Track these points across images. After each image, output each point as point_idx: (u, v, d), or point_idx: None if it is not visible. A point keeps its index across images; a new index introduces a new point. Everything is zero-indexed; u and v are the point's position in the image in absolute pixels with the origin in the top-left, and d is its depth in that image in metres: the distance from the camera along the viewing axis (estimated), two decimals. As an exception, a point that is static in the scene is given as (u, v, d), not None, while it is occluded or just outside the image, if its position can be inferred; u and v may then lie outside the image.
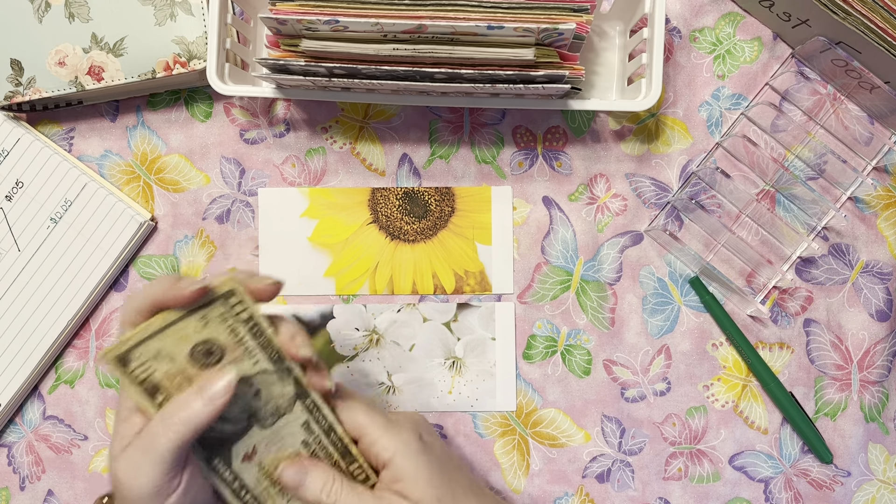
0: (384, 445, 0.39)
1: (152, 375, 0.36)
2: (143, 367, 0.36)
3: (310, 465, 0.39)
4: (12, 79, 0.50)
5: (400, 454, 0.39)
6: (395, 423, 0.40)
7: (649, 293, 0.52)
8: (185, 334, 0.36)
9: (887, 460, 0.52)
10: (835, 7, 0.46)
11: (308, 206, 0.53)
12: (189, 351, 0.36)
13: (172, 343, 0.36)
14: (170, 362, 0.36)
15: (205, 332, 0.36)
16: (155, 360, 0.36)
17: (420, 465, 0.39)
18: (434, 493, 0.39)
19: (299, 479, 0.39)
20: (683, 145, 0.53)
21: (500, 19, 0.41)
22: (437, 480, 0.39)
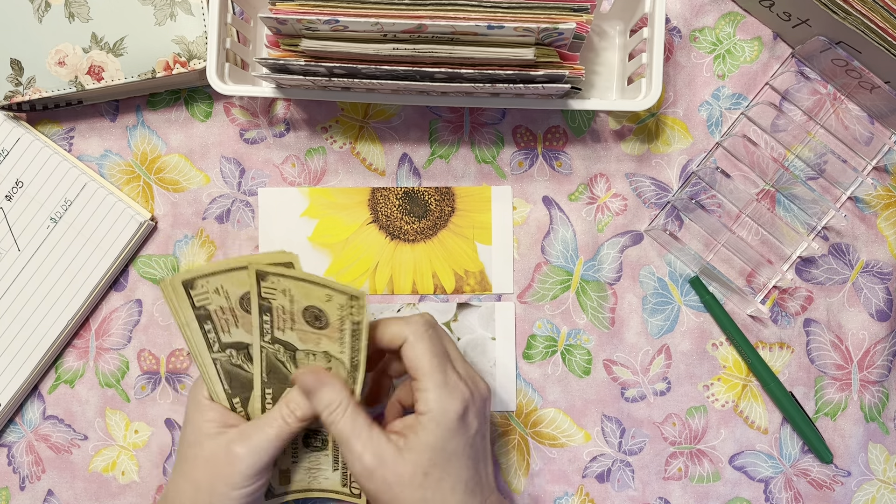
0: (427, 400, 0.39)
1: (209, 304, 0.41)
2: (203, 296, 0.40)
3: (327, 380, 0.41)
4: (12, 78, 0.50)
5: (431, 418, 0.39)
6: (450, 386, 0.40)
7: (649, 293, 0.52)
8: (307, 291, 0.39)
9: (887, 460, 0.52)
10: (835, 7, 0.46)
11: (308, 206, 0.53)
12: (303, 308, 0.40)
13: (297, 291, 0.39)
14: (225, 300, 0.41)
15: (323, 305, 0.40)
16: (214, 294, 0.40)
17: (437, 438, 0.39)
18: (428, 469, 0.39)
19: (312, 388, 0.41)
20: (683, 145, 0.53)
21: (500, 19, 0.41)
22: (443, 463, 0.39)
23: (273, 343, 0.42)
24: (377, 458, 0.39)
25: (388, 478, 0.38)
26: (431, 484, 0.39)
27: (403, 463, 0.39)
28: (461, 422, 0.40)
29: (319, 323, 0.40)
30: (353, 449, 0.39)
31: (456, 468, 0.40)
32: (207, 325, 0.41)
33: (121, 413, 0.53)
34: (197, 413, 0.43)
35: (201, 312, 0.41)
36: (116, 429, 0.53)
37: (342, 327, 0.40)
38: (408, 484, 0.38)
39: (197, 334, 0.42)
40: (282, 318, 0.41)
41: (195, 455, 0.42)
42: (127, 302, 0.53)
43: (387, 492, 0.39)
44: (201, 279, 0.40)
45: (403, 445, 0.39)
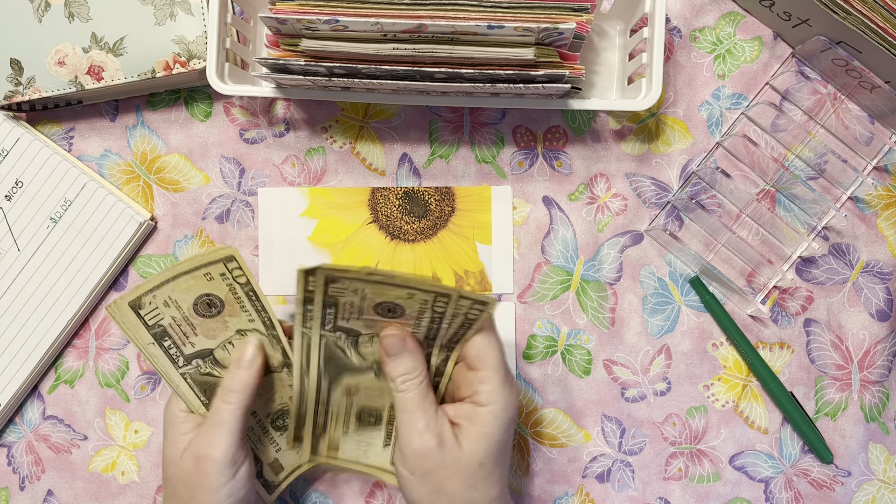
0: (489, 392, 0.39)
1: (161, 321, 0.41)
2: (154, 313, 0.40)
3: (411, 346, 0.41)
4: (12, 78, 0.50)
5: (493, 411, 0.39)
6: (509, 382, 0.40)
7: (649, 293, 0.52)
8: (189, 286, 0.40)
9: (888, 460, 0.52)
10: (835, 7, 0.46)
11: (308, 206, 0.53)
12: (192, 302, 0.40)
13: (178, 292, 0.40)
14: (176, 310, 0.40)
15: (208, 287, 0.40)
16: (164, 307, 0.40)
17: (497, 430, 0.39)
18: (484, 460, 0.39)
19: (395, 351, 0.41)
20: (684, 145, 0.53)
21: (501, 19, 0.41)
22: (496, 455, 0.40)
23: (335, 331, 0.41)
24: (438, 439, 0.39)
25: (445, 460, 0.39)
26: (483, 474, 0.39)
27: (461, 450, 0.39)
28: (514, 418, 0.41)
29: (394, 314, 0.40)
30: (415, 423, 0.39)
31: (503, 462, 0.41)
32: (167, 342, 0.41)
33: (121, 413, 0.53)
34: (172, 429, 0.43)
35: (157, 330, 0.40)
36: (116, 429, 0.53)
37: (420, 317, 0.40)
38: (461, 471, 0.39)
39: (159, 354, 0.41)
40: (348, 311, 0.40)
41: (172, 473, 0.42)
42: (127, 302, 0.53)
43: (437, 473, 0.39)
44: (146, 296, 0.39)
45: (460, 433, 0.39)
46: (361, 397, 0.44)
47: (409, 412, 0.40)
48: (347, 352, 0.42)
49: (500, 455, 0.40)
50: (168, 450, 0.43)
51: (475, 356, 0.40)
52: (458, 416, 0.40)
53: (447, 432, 0.39)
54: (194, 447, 0.41)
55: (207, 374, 0.43)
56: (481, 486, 0.39)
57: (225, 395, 0.42)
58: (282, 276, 0.52)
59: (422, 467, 0.39)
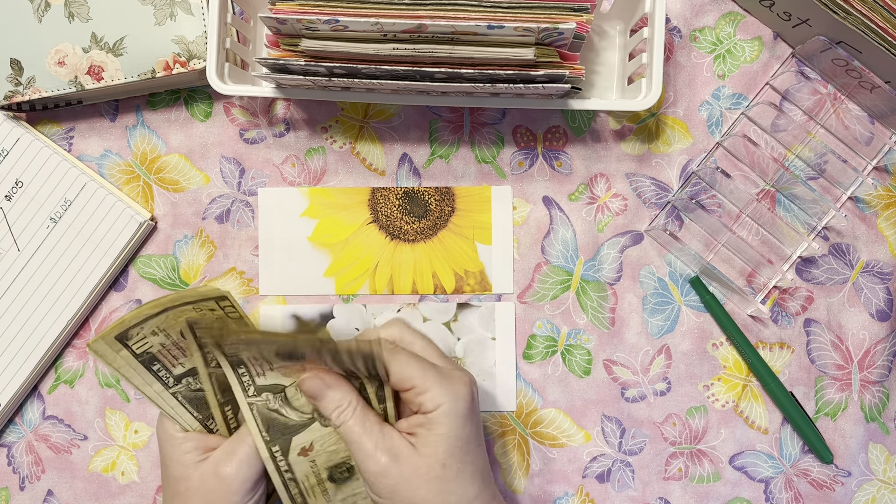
0: (432, 398, 0.38)
1: (150, 348, 0.40)
2: (142, 342, 0.39)
3: (332, 381, 0.40)
4: (12, 78, 0.50)
5: (444, 411, 0.38)
6: (449, 377, 0.39)
7: (649, 293, 0.52)
8: (179, 317, 0.39)
9: (888, 460, 0.52)
10: (835, 6, 0.46)
11: (308, 206, 0.53)
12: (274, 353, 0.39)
13: (167, 323, 0.39)
14: (165, 337, 0.40)
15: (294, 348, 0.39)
16: (152, 336, 0.39)
17: (454, 427, 0.38)
18: (446, 461, 0.38)
19: (318, 392, 0.40)
20: (684, 145, 0.53)
21: (501, 19, 0.41)
22: (460, 453, 0.38)
23: (259, 394, 0.41)
24: (391, 455, 0.38)
25: (404, 473, 0.38)
26: (451, 475, 0.38)
27: (419, 457, 0.38)
28: (472, 407, 0.39)
29: (296, 359, 0.39)
30: (364, 448, 0.38)
31: (472, 456, 0.39)
32: (156, 366, 0.40)
33: (121, 413, 0.53)
34: (174, 449, 0.42)
35: (146, 357, 0.40)
36: (116, 429, 0.53)
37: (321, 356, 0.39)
38: (426, 477, 0.38)
39: (149, 379, 0.40)
40: (257, 366, 0.40)
41: (185, 489, 0.41)
42: (127, 302, 0.53)
43: (404, 487, 0.38)
44: (133, 328, 0.39)
45: (417, 441, 0.38)
46: (320, 453, 0.42)
47: (353, 441, 0.39)
48: (282, 411, 0.41)
49: (465, 452, 0.39)
50: (173, 467, 0.42)
51: (397, 380, 0.39)
52: (412, 426, 0.39)
53: (400, 446, 0.38)
54: (218, 465, 0.40)
55: (198, 389, 0.42)
56: (454, 489, 0.38)
57: None
58: (282, 277, 0.52)
59: (386, 487, 0.38)
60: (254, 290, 0.53)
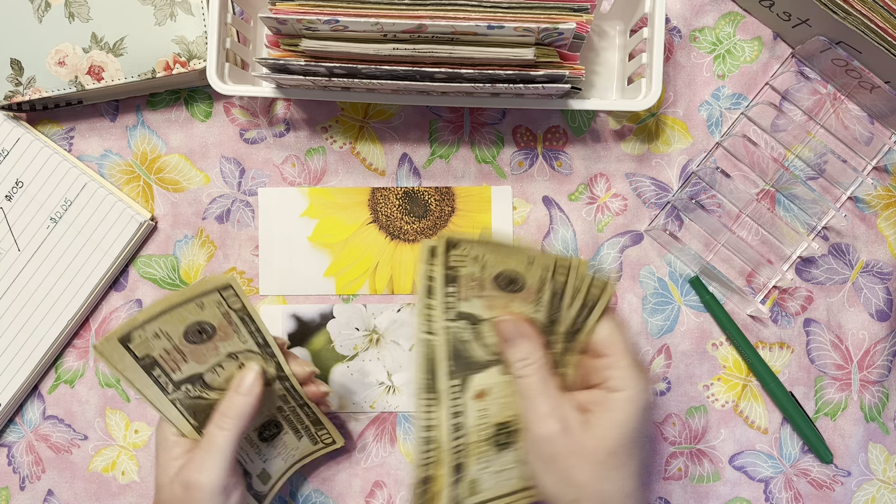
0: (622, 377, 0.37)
1: (151, 352, 0.40)
2: (144, 346, 0.39)
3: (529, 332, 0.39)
4: (12, 78, 0.50)
5: (626, 397, 0.37)
6: (641, 366, 0.38)
7: (649, 293, 0.52)
8: (181, 316, 0.39)
9: (887, 460, 0.52)
10: (835, 7, 0.46)
11: (308, 206, 0.53)
12: (183, 331, 0.40)
13: (170, 324, 0.39)
14: (167, 340, 0.40)
15: (200, 315, 0.40)
16: (154, 339, 0.39)
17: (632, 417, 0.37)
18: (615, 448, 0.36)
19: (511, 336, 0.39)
20: (683, 145, 0.53)
21: (500, 19, 0.41)
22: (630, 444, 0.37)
23: (457, 319, 0.39)
24: (562, 424, 0.37)
25: (570, 446, 0.36)
26: (615, 464, 0.36)
27: (590, 436, 0.37)
28: (648, 406, 0.38)
29: (515, 286, 0.39)
30: (538, 409, 0.37)
31: (638, 454, 0.38)
32: (156, 371, 0.40)
33: (121, 413, 0.53)
34: (164, 453, 0.42)
35: (146, 361, 0.40)
36: (116, 429, 0.53)
37: (541, 289, 0.38)
38: (590, 458, 0.36)
39: (148, 384, 0.40)
40: (469, 287, 0.39)
41: (162, 499, 0.41)
42: (127, 302, 0.53)
43: (564, 460, 0.36)
44: (136, 330, 0.39)
45: (591, 419, 0.37)
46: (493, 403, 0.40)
47: (530, 398, 0.37)
48: (472, 344, 0.40)
49: (634, 445, 0.37)
50: (159, 474, 0.42)
51: (602, 341, 0.38)
52: (590, 402, 0.38)
53: (573, 418, 0.37)
54: (185, 473, 0.40)
55: (197, 397, 0.42)
56: (613, 478, 0.36)
57: (220, 421, 0.41)
58: (282, 276, 0.53)
59: (547, 453, 0.37)
60: (254, 290, 0.53)
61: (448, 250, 0.38)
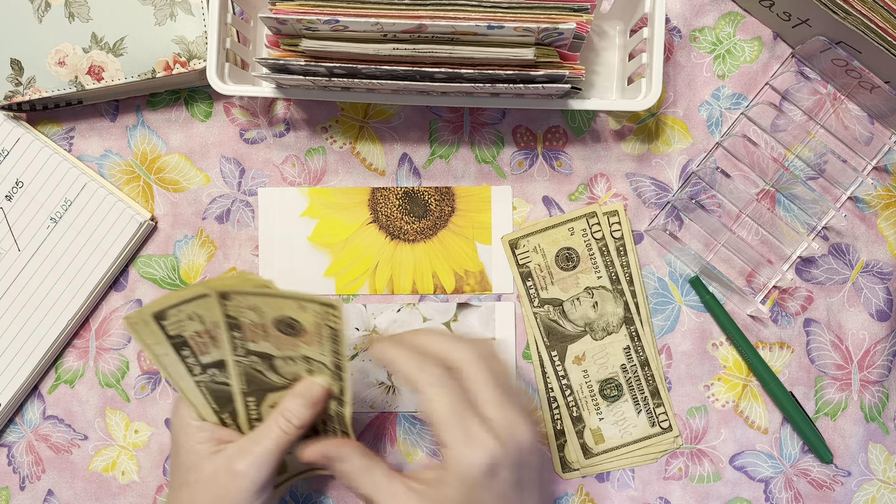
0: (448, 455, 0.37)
1: (183, 331, 0.40)
2: (177, 325, 0.39)
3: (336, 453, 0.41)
4: (12, 78, 0.50)
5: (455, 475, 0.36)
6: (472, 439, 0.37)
7: (650, 293, 0.52)
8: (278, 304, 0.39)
9: (887, 460, 0.52)
10: (835, 7, 0.46)
11: (308, 206, 0.53)
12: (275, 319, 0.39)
13: (265, 305, 0.39)
14: (200, 323, 0.40)
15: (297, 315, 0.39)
16: (188, 321, 0.39)
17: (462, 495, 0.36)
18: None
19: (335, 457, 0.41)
20: (683, 145, 0.53)
21: (500, 19, 0.41)
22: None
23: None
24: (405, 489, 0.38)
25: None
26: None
27: None
28: (488, 477, 0.36)
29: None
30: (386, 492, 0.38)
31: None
32: (185, 352, 0.41)
33: (121, 413, 0.53)
34: (187, 436, 0.42)
35: (177, 340, 0.40)
36: (116, 429, 0.53)
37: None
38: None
39: (175, 362, 0.41)
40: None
41: (195, 480, 0.40)
42: (127, 302, 0.53)
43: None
44: (172, 309, 0.39)
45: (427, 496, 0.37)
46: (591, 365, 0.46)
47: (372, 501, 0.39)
48: (560, 322, 0.45)
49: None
50: (185, 456, 0.42)
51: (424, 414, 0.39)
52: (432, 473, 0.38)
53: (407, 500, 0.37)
54: (232, 461, 0.40)
55: (222, 382, 0.42)
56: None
57: (284, 425, 0.41)
58: (282, 276, 0.52)
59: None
60: (254, 290, 0.53)
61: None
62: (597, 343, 0.51)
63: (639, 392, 0.51)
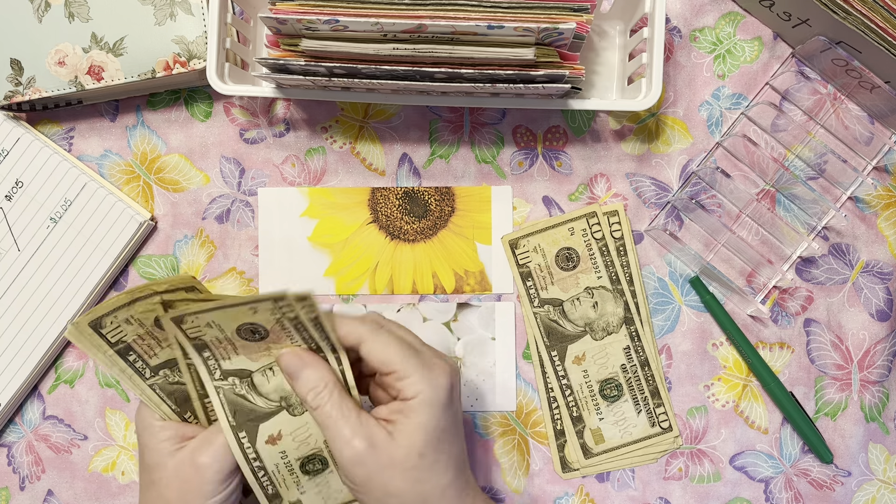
0: (412, 384, 0.38)
1: (202, 336, 0.39)
2: (196, 329, 0.38)
3: (310, 360, 0.39)
4: (12, 78, 0.50)
5: (423, 400, 0.38)
6: (430, 365, 0.39)
7: (650, 293, 0.52)
8: (235, 315, 0.38)
9: (887, 460, 0.52)
10: (835, 7, 0.46)
11: (308, 206, 0.53)
12: (237, 327, 0.39)
13: (223, 319, 0.38)
14: (219, 331, 0.39)
15: (253, 318, 0.38)
16: (207, 328, 0.38)
17: (432, 417, 0.38)
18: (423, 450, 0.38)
19: (295, 370, 0.39)
20: (683, 145, 0.53)
21: (500, 19, 0.41)
22: (436, 443, 0.38)
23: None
24: (368, 442, 0.38)
25: (380, 461, 0.37)
26: (426, 465, 0.38)
27: (396, 446, 0.37)
28: (450, 396, 0.39)
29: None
30: (341, 433, 0.38)
31: (448, 445, 0.39)
32: (132, 356, 0.40)
33: (121, 413, 0.53)
34: (151, 437, 0.41)
35: (120, 347, 0.39)
36: (116, 429, 0.53)
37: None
38: (401, 466, 0.37)
39: (124, 368, 0.40)
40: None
41: (160, 477, 0.40)
42: (127, 302, 0.53)
43: (378, 476, 0.37)
44: (108, 316, 0.38)
45: (394, 429, 0.38)
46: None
47: (330, 426, 0.38)
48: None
49: (441, 441, 0.38)
50: (149, 455, 0.41)
51: (379, 361, 0.39)
52: (391, 413, 0.39)
53: (377, 433, 0.38)
54: (195, 455, 0.40)
55: (176, 382, 0.41)
56: (428, 478, 0.38)
57: None
58: (282, 277, 0.52)
59: (361, 475, 0.38)
60: (254, 290, 0.53)
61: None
62: (597, 343, 0.51)
63: (639, 392, 0.51)
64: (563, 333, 0.51)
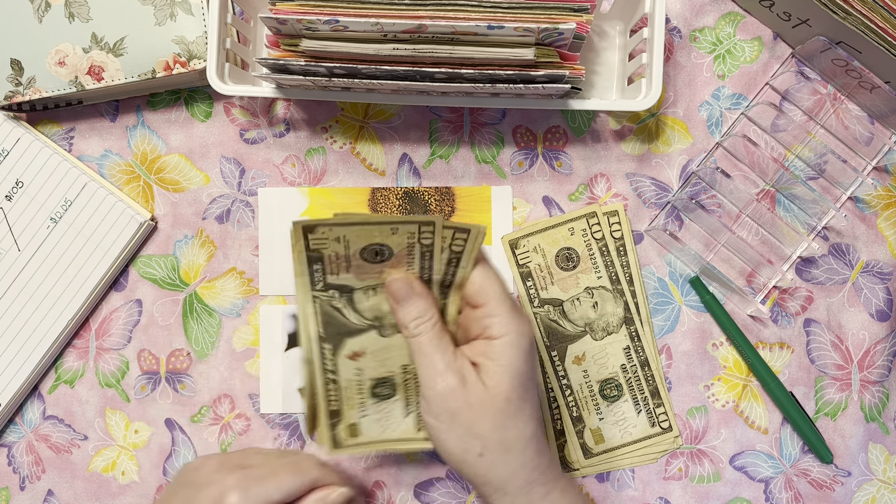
0: (501, 324, 0.38)
1: (322, 249, 0.39)
2: (321, 241, 0.39)
3: (419, 289, 0.40)
4: (12, 79, 0.50)
5: (509, 341, 0.38)
6: (518, 310, 0.39)
7: (650, 293, 0.52)
8: (368, 233, 0.38)
9: (887, 460, 0.52)
10: (835, 7, 0.46)
11: (308, 206, 0.53)
12: (363, 246, 0.39)
13: (356, 235, 0.38)
14: (343, 248, 0.39)
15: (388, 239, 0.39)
16: (334, 242, 0.39)
17: (517, 360, 0.38)
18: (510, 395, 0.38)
19: (404, 296, 0.39)
20: (683, 145, 0.53)
21: (501, 19, 0.41)
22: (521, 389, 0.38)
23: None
24: (460, 378, 0.38)
25: (469, 399, 0.37)
26: (512, 411, 0.38)
27: (485, 387, 0.38)
28: (532, 345, 0.39)
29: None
30: (435, 366, 0.38)
31: (531, 395, 0.39)
32: (317, 266, 0.40)
33: (121, 413, 0.53)
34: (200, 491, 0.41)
35: (313, 254, 0.39)
36: (116, 429, 0.53)
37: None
38: (488, 409, 0.37)
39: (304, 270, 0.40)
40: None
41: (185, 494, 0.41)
42: (127, 302, 0.53)
43: (465, 413, 0.37)
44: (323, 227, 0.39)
45: (482, 371, 0.38)
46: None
47: (426, 355, 0.38)
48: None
49: (526, 388, 0.38)
50: None
51: (476, 292, 0.39)
52: (475, 354, 0.39)
53: (469, 371, 0.38)
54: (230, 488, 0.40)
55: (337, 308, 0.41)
56: (514, 424, 0.38)
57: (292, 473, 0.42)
58: (282, 276, 0.52)
59: (448, 410, 0.38)
60: (254, 290, 0.53)
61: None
62: (597, 343, 0.51)
63: (639, 392, 0.51)
64: (562, 333, 0.51)
